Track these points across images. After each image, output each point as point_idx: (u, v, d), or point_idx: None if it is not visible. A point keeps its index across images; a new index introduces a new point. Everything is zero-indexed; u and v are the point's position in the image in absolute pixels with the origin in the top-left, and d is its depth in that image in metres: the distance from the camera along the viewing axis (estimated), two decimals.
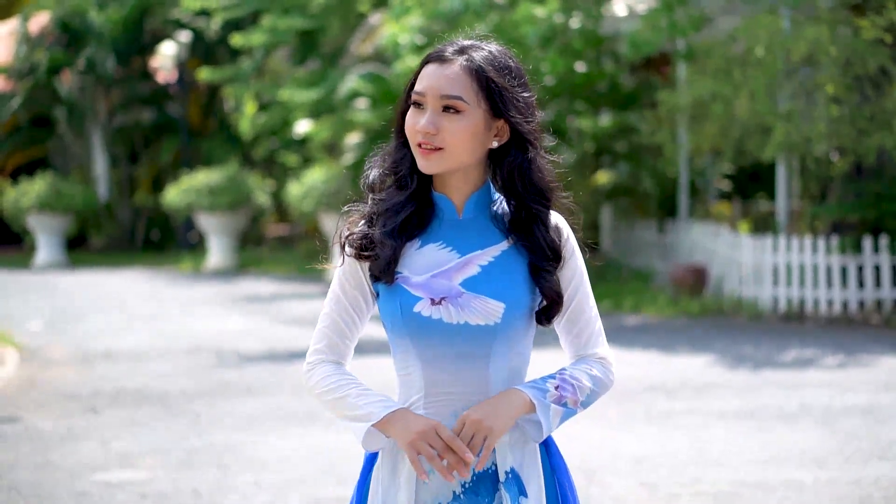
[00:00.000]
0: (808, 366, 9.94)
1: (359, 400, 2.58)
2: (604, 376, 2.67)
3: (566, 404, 2.58)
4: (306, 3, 20.49)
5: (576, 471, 6.35)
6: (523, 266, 2.61)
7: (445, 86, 2.55)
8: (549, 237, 2.62)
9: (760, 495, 5.94)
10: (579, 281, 2.66)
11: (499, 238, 2.63)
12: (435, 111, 2.55)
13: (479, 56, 2.58)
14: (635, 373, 9.60)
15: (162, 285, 18.21)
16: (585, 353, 2.67)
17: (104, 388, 9.27)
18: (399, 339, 2.61)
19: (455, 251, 2.61)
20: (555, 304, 2.60)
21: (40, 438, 7.49)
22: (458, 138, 2.54)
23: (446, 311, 2.56)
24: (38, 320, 13.68)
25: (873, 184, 13.65)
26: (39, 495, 6.16)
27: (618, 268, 17.43)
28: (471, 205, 2.63)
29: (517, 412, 2.55)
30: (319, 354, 2.67)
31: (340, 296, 2.66)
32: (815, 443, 7.06)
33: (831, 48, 12.30)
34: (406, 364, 2.62)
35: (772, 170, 16.90)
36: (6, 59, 24.98)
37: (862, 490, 5.98)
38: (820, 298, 13.02)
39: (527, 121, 2.59)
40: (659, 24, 13.71)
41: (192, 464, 6.77)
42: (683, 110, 14.49)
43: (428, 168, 2.56)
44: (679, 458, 6.73)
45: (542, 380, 2.61)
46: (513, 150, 2.59)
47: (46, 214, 22.34)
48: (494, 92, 2.56)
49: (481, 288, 2.57)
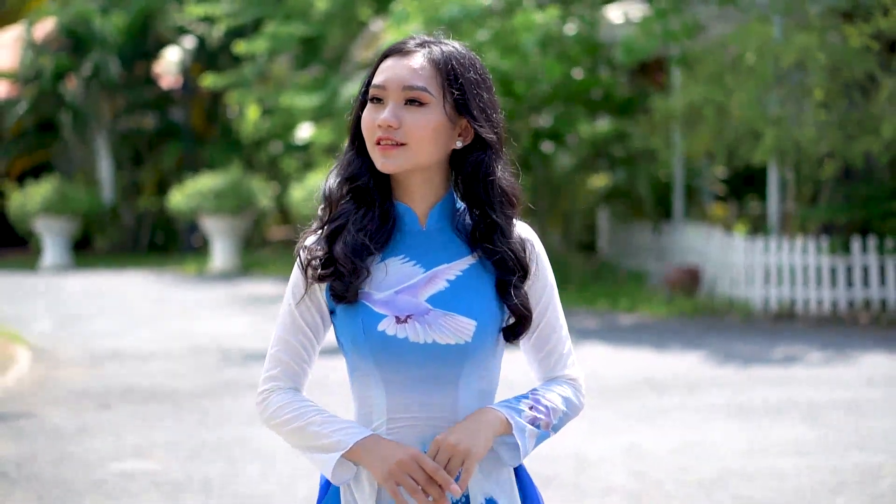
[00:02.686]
0: (796, 362, 10.27)
1: (323, 428, 2.37)
2: (575, 399, 2.50)
3: (539, 426, 2.42)
4: (308, 11, 20.83)
5: (567, 460, 6.68)
6: (491, 281, 2.43)
7: (408, 76, 2.38)
8: (513, 247, 2.43)
9: (743, 482, 6.27)
10: (549, 298, 2.49)
11: (464, 251, 2.45)
12: (397, 104, 2.37)
13: (443, 49, 2.42)
14: (629, 369, 9.94)
15: (167, 287, 18.53)
16: (555, 374, 2.51)
17: (114, 385, 9.59)
18: (360, 361, 2.40)
19: (419, 265, 2.42)
20: (523, 320, 2.43)
21: (56, 432, 7.81)
22: (422, 133, 2.36)
23: (413, 329, 2.37)
24: (46, 321, 14.00)
25: (862, 187, 14.00)
26: (59, 484, 6.49)
27: (614, 269, 17.78)
28: (434, 214, 2.45)
29: (494, 432, 2.37)
30: (274, 381, 2.45)
31: (296, 316, 2.45)
32: (798, 434, 7.38)
33: (820, 55, 12.65)
34: (366, 387, 2.41)
35: (765, 173, 17.23)
36: (12, 65, 25.30)
37: (839, 476, 6.31)
38: (810, 298, 13.35)
39: (490, 121, 2.41)
40: (653, 31, 14.06)
41: (202, 455, 7.09)
42: (677, 115, 14.83)
43: (387, 166, 2.37)
44: (667, 449, 7.06)
45: (514, 399, 2.44)
46: (476, 151, 2.41)
47: (52, 217, 22.66)
48: (460, 86, 2.39)
49: (450, 304, 2.39)
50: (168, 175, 25.67)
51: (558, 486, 6.21)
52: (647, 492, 6.13)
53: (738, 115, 13.48)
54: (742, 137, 13.92)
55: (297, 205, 20.06)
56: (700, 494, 6.06)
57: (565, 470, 6.50)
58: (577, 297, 14.78)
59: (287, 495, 6.17)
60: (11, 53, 25.61)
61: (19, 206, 22.84)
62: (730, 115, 13.74)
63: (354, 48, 20.76)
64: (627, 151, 18.11)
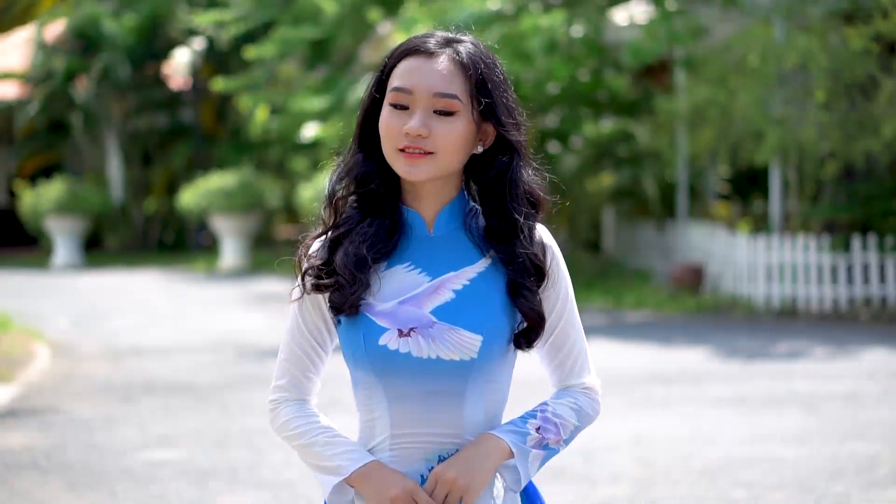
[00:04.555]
0: (798, 357, 10.55)
1: (325, 450, 2.34)
2: (590, 409, 2.44)
3: (547, 445, 2.36)
4: (317, 15, 21.09)
5: (576, 450, 6.96)
6: (502, 286, 2.32)
7: (439, 83, 2.26)
8: (531, 251, 2.33)
9: (745, 468, 6.56)
10: (564, 304, 2.39)
11: (475, 256, 2.34)
12: (425, 111, 2.26)
13: (467, 50, 2.31)
14: (635, 364, 10.23)
15: (179, 285, 18.81)
16: (570, 382, 2.42)
17: (136, 379, 9.87)
18: (363, 375, 2.33)
19: (425, 273, 2.32)
20: (536, 326, 2.33)
21: (83, 424, 8.10)
22: (451, 142, 2.26)
23: (416, 343, 2.28)
24: (63, 319, 14.27)
25: (863, 186, 14.29)
26: (89, 472, 6.77)
27: (619, 267, 18.07)
28: (443, 219, 2.34)
29: (494, 463, 2.29)
30: (282, 392, 2.42)
31: (301, 326, 2.38)
32: (798, 424, 7.67)
33: (821, 57, 12.93)
34: (370, 402, 2.34)
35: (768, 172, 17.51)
36: (23, 67, 25.59)
37: (837, 463, 6.60)
38: (811, 295, 13.63)
39: (516, 123, 2.32)
40: (658, 34, 14.35)
41: (226, 445, 7.38)
42: (682, 116, 15.12)
43: (414, 175, 2.27)
44: (673, 438, 7.34)
45: (521, 420, 2.35)
46: (501, 154, 2.32)
47: (64, 217, 22.95)
48: (488, 91, 2.28)
49: (455, 317, 2.28)
50: (178, 175, 25.95)
51: (568, 474, 6.49)
52: (653, 479, 6.41)
53: (742, 116, 13.78)
54: (745, 138, 14.21)
55: (307, 204, 20.34)
56: (704, 480, 6.35)
57: (575, 459, 6.77)
58: (583, 294, 15.06)
59: (309, 482, 6.45)
60: (23, 55, 25.89)
61: (31, 205, 23.13)
62: (733, 116, 14.04)
63: (363, 51, 21.03)
64: (632, 152, 18.39)
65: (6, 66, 25.26)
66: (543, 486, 2.73)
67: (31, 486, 6.51)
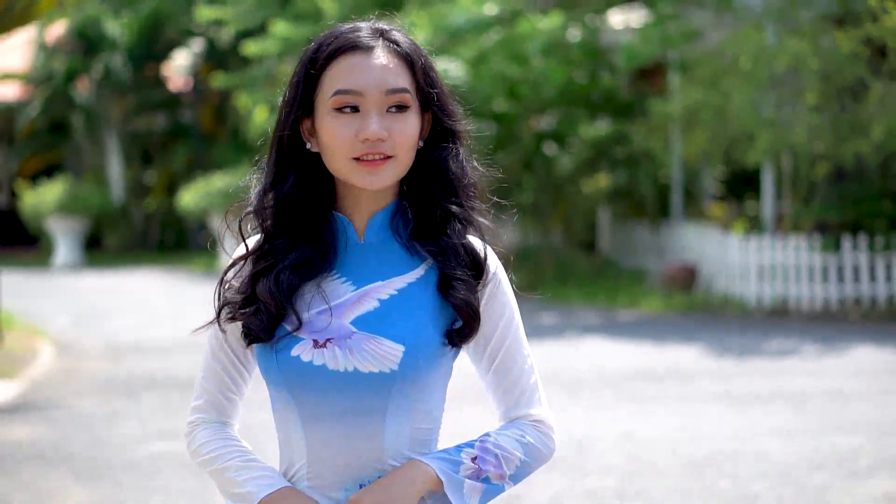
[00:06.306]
0: (788, 355, 10.76)
1: (238, 475, 2.13)
2: (540, 444, 2.15)
3: (487, 479, 2.08)
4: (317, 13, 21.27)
5: (569, 443, 7.16)
6: (434, 295, 2.10)
7: (389, 78, 2.07)
8: (467, 243, 2.12)
9: (731, 461, 6.76)
10: (509, 325, 2.15)
11: (410, 265, 2.12)
12: (379, 111, 2.06)
13: (401, 38, 2.14)
14: (628, 361, 10.44)
15: (178, 284, 18.99)
16: (517, 413, 2.15)
17: (137, 376, 10.07)
18: (276, 391, 2.11)
19: (350, 283, 2.11)
20: (470, 321, 2.09)
21: (87, 419, 8.29)
22: (408, 141, 2.07)
23: (332, 355, 2.06)
24: (64, 317, 14.46)
25: (853, 187, 14.50)
26: (93, 464, 6.96)
27: (614, 267, 18.28)
28: (375, 225, 2.13)
29: (419, 491, 2.05)
30: (199, 413, 2.21)
31: (223, 342, 2.18)
32: (784, 419, 7.87)
33: (812, 60, 13.13)
34: (286, 423, 2.13)
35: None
36: (24, 67, 25.77)
37: (820, 456, 6.81)
38: (802, 295, 13.83)
39: (454, 108, 2.15)
40: (652, 38, 14.56)
41: None
42: (676, 118, 15.33)
43: (378, 183, 2.06)
44: (662, 433, 7.54)
45: (455, 449, 2.10)
46: (439, 144, 2.13)
47: (64, 217, 23.13)
48: (432, 80, 2.12)
49: (377, 326, 2.06)
50: (177, 175, 26.13)
51: (561, 466, 6.69)
52: (641, 471, 6.61)
53: (734, 118, 13.99)
54: (738, 139, 14.41)
55: None
56: (690, 472, 6.55)
57: (567, 452, 6.97)
58: (578, 294, 15.28)
59: None
60: (23, 55, 26.08)
61: (32, 205, 23.31)
62: (726, 118, 14.24)
63: None
64: (627, 153, 18.58)
65: (7, 67, 25.44)
66: (533, 474, 2.52)
67: (37, 478, 6.71)
